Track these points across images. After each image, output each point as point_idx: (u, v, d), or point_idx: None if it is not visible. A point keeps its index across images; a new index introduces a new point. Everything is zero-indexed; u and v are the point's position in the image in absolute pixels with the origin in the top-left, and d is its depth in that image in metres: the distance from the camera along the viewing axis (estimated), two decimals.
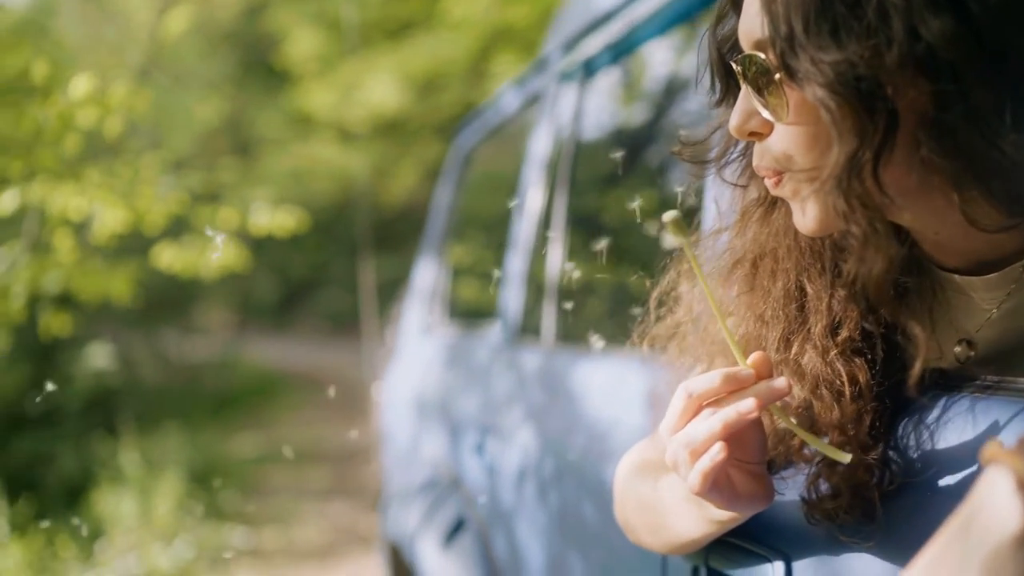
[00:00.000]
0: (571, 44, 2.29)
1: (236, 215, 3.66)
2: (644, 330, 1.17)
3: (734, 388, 0.90)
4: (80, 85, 3.39)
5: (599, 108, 2.37)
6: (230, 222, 3.64)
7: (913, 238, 0.94)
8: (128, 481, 5.51)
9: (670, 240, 0.89)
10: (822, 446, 0.91)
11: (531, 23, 7.09)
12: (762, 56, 0.86)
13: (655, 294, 1.15)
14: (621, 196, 2.53)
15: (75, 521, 5.06)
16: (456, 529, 2.31)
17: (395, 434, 3.23)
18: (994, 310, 0.92)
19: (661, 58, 2.18)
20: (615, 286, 2.36)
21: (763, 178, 0.94)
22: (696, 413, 0.92)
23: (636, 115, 2.43)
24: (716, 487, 0.92)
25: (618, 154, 2.02)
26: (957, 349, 0.96)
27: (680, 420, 0.93)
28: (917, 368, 0.87)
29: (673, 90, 2.24)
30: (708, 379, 0.91)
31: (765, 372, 0.91)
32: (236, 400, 10.17)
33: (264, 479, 7.05)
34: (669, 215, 0.87)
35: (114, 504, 5.25)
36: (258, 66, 12.52)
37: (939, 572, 0.66)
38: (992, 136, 0.79)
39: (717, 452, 0.89)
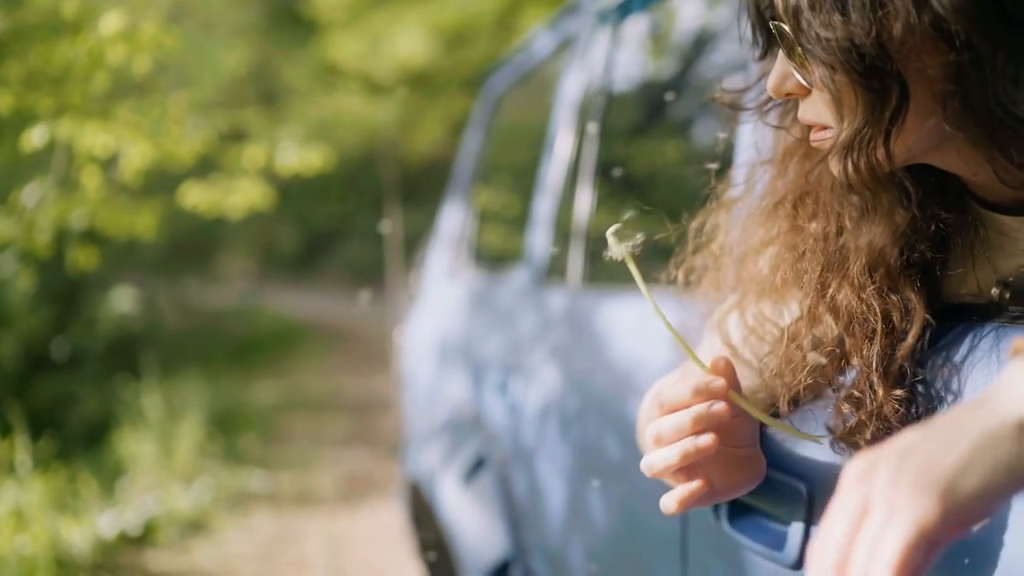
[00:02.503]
0: None
1: (263, 154, 3.66)
2: (681, 260, 1.17)
3: (704, 399, 0.91)
4: (110, 22, 3.39)
5: (632, 52, 2.34)
6: (257, 161, 3.65)
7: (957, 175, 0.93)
8: (149, 423, 5.57)
9: (615, 250, 0.90)
10: (796, 432, 0.92)
11: None
12: (786, 27, 0.86)
13: (694, 225, 1.15)
14: (653, 141, 2.51)
15: (97, 460, 5.14)
16: (476, 467, 2.32)
17: (416, 377, 3.24)
18: None
19: (696, 1, 2.15)
20: (645, 227, 2.34)
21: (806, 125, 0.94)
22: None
23: (670, 60, 2.40)
24: (695, 503, 0.94)
25: (668, 95, 2.00)
26: (995, 290, 0.94)
27: (650, 423, 0.94)
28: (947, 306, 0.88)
29: (708, 35, 2.21)
30: (679, 391, 0.92)
31: (728, 378, 0.92)
32: (257, 348, 10.24)
33: (283, 426, 7.12)
34: (613, 229, 0.89)
35: (135, 445, 5.31)
36: (285, 15, 12.46)
37: (939, 434, 0.67)
38: (1009, 104, 0.78)
39: (695, 487, 0.92)
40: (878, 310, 0.93)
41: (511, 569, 2.12)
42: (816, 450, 1.01)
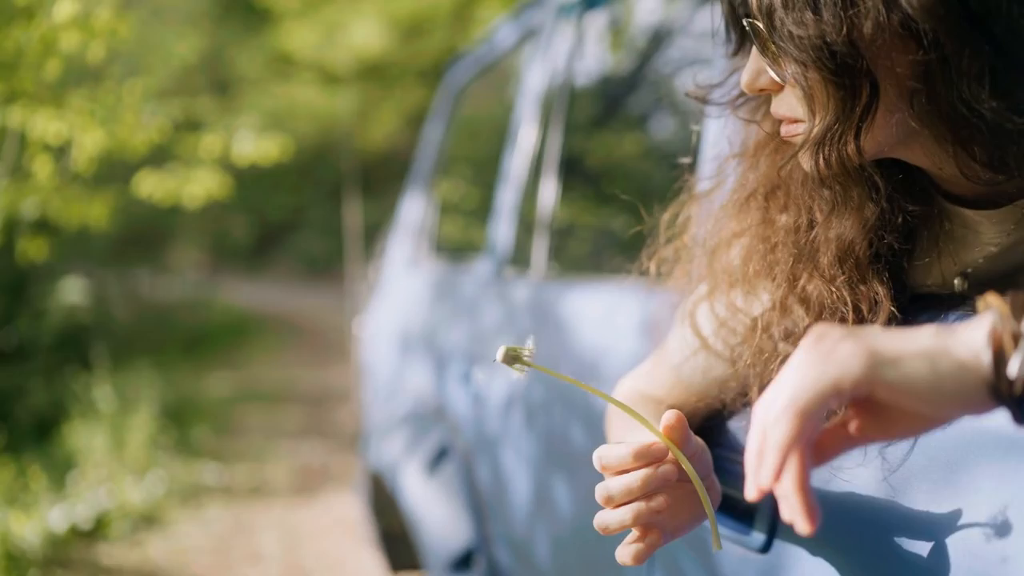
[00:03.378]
0: None
1: (220, 143, 3.62)
2: (652, 252, 1.18)
3: (646, 464, 0.91)
4: (64, 8, 3.33)
5: (596, 45, 2.35)
6: (214, 151, 3.61)
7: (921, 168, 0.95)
8: (100, 416, 5.50)
9: (513, 374, 0.90)
10: (711, 521, 0.93)
11: None
12: (759, 24, 0.87)
13: (665, 217, 1.16)
14: (616, 133, 2.53)
15: (47, 453, 5.05)
16: (440, 457, 2.32)
17: (377, 368, 3.23)
18: (992, 247, 0.93)
19: None
20: (606, 219, 2.36)
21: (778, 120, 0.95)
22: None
23: (633, 53, 2.42)
24: (650, 554, 0.94)
25: (631, 88, 2.01)
26: (957, 281, 0.97)
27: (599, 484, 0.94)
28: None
29: (670, 28, 2.23)
30: (620, 454, 0.91)
31: (678, 437, 0.91)
32: (210, 340, 10.14)
33: (237, 418, 7.06)
34: (501, 352, 0.88)
35: (86, 438, 5.23)
36: (238, 3, 12.30)
37: (899, 332, 0.71)
38: (972, 101, 0.80)
39: (652, 541, 0.92)
40: (848, 301, 0.95)
41: (475, 558, 2.13)
42: None
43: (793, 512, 0.70)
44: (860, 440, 0.76)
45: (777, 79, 0.90)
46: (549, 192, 2.21)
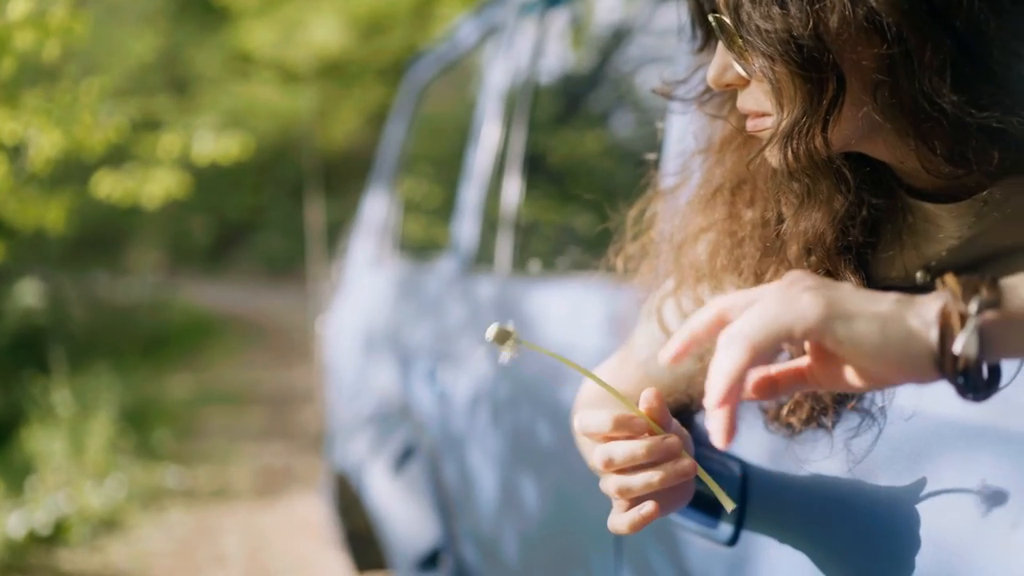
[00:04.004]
0: None
1: (179, 142, 3.58)
2: (619, 248, 1.18)
3: (625, 435, 0.91)
4: (18, 6, 3.28)
5: (559, 43, 2.36)
6: (173, 150, 3.56)
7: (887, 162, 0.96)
8: (59, 419, 5.42)
9: (503, 356, 0.90)
10: (714, 487, 0.93)
11: None
12: (726, 19, 0.88)
13: (632, 213, 1.16)
14: (580, 131, 2.54)
15: (4, 458, 4.97)
16: (405, 457, 2.31)
17: (341, 368, 3.22)
18: (954, 240, 0.94)
19: None
20: (570, 216, 2.37)
21: (742, 115, 0.96)
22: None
23: (596, 50, 2.42)
24: (644, 525, 0.94)
25: (594, 85, 2.01)
26: (919, 274, 0.98)
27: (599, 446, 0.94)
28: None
29: (633, 25, 2.24)
30: (600, 420, 0.92)
31: (658, 416, 0.92)
32: (169, 341, 10.03)
33: (198, 420, 6.99)
34: (491, 330, 0.88)
35: (44, 442, 5.16)
36: (195, 2, 12.18)
37: (865, 290, 0.75)
38: (934, 95, 0.81)
39: (649, 510, 0.91)
40: None
41: (441, 557, 2.13)
42: (749, 431, 1.04)
43: (714, 427, 0.74)
44: (810, 384, 0.80)
45: (744, 74, 0.90)
46: (513, 190, 2.21)
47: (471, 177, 2.43)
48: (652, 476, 0.90)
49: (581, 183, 2.41)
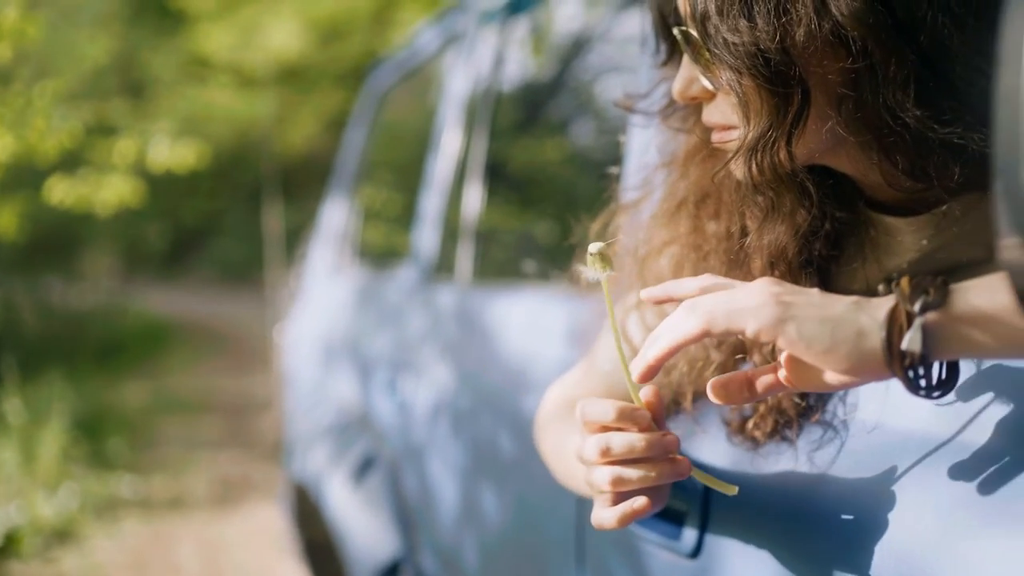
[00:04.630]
0: None
1: (134, 148, 3.53)
2: (582, 261, 1.17)
3: (627, 427, 0.89)
4: None
5: (520, 51, 2.36)
6: (127, 156, 3.52)
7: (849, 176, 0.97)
8: (10, 429, 5.33)
9: (591, 273, 0.89)
10: (711, 480, 0.93)
11: None
12: (693, 32, 0.88)
13: (595, 226, 1.16)
14: (541, 139, 2.54)
15: None
16: (365, 467, 2.30)
17: (300, 376, 3.19)
18: (914, 254, 0.95)
19: (586, 1, 2.18)
20: (532, 226, 2.36)
21: (706, 128, 0.96)
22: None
23: (557, 59, 2.42)
24: (633, 520, 0.92)
25: (555, 94, 2.01)
26: (881, 287, 0.99)
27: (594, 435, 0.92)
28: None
29: (594, 34, 2.24)
30: (603, 409, 0.90)
31: (657, 411, 0.91)
32: (124, 349, 9.89)
33: (154, 429, 6.90)
34: (595, 247, 0.87)
35: None
36: (151, 4, 12.04)
37: (820, 293, 0.79)
38: (896, 109, 0.82)
39: (640, 504, 0.89)
40: None
41: (401, 569, 2.11)
42: (711, 443, 1.04)
43: (638, 364, 0.81)
44: (784, 386, 0.83)
45: (710, 87, 0.90)
46: (474, 198, 2.20)
47: (432, 185, 2.42)
48: (650, 471, 0.88)
49: (542, 191, 2.41)
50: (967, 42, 0.81)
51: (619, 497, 0.90)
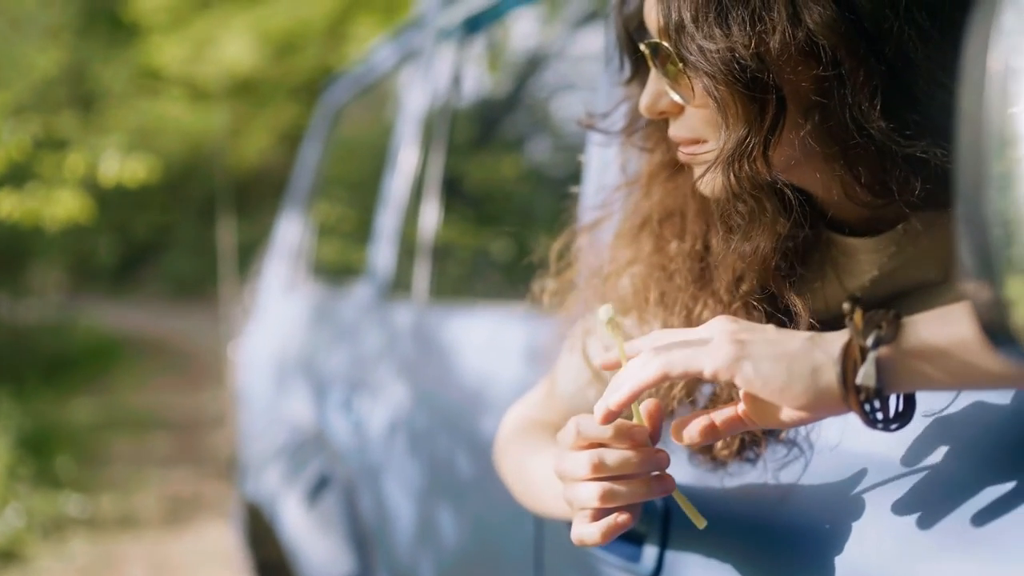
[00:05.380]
0: (450, 0, 2.26)
1: (83, 163, 3.47)
2: (543, 281, 1.17)
3: (625, 445, 0.89)
4: None
5: (478, 68, 2.36)
6: (77, 170, 3.46)
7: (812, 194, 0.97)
8: None
9: (604, 336, 0.92)
10: (686, 505, 0.92)
11: None
12: (664, 44, 0.88)
13: (556, 246, 1.15)
14: (498, 156, 2.53)
15: None
16: (320, 487, 2.27)
17: (253, 394, 3.15)
18: (874, 273, 0.96)
19: (544, 19, 2.19)
20: (489, 243, 2.36)
21: (672, 145, 0.96)
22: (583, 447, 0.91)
23: (514, 76, 2.43)
24: (615, 535, 0.91)
25: (513, 111, 2.01)
26: (845, 306, 0.99)
27: (570, 449, 0.92)
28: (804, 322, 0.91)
29: (551, 53, 2.25)
30: (602, 427, 0.89)
31: (654, 425, 0.90)
32: (71, 365, 9.71)
33: (102, 446, 6.78)
34: (605, 311, 0.87)
35: None
36: (102, 15, 11.88)
37: (777, 330, 0.80)
38: (863, 120, 0.83)
39: (623, 519, 0.88)
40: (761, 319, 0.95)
41: None
42: (674, 463, 1.03)
43: (600, 407, 0.83)
44: (747, 425, 0.84)
45: (678, 100, 0.90)
46: (431, 215, 2.19)
47: (388, 202, 2.40)
48: (640, 487, 0.87)
49: (499, 208, 2.41)
50: (932, 56, 0.82)
51: (600, 513, 0.88)
